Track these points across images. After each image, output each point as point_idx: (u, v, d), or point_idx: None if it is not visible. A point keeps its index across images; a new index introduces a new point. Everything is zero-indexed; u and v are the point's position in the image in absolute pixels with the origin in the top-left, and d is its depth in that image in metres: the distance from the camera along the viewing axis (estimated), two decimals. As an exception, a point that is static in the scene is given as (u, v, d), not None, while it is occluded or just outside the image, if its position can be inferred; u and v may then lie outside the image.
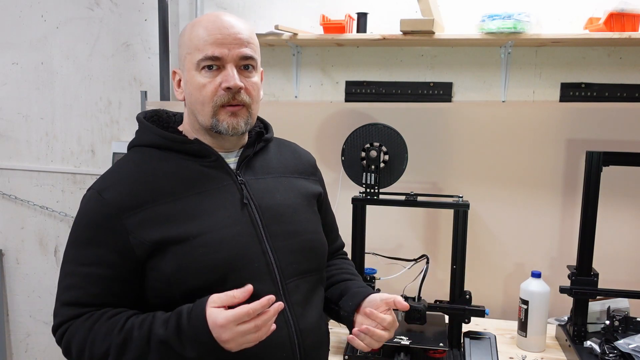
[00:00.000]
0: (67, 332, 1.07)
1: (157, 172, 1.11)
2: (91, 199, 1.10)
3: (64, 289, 1.09)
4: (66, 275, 1.09)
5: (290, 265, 1.14)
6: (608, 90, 2.01)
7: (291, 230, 1.17)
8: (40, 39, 2.53)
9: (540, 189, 2.01)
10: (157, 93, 2.36)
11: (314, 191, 1.29)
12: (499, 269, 2.06)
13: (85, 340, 1.05)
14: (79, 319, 1.07)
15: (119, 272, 1.07)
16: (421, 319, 1.58)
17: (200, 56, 1.08)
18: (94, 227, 1.07)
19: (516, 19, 1.84)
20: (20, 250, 2.68)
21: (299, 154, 1.34)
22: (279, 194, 1.19)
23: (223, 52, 1.08)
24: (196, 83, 1.10)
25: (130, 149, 1.19)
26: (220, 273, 1.06)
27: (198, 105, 1.11)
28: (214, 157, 1.14)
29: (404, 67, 2.17)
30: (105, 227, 1.06)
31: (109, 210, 1.06)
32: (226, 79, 1.08)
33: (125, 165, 1.14)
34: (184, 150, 1.14)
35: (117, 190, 1.08)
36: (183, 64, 1.13)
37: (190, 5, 2.37)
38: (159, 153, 1.14)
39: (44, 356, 2.74)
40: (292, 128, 2.18)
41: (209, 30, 1.09)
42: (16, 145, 2.63)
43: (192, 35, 1.10)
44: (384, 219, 2.03)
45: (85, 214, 1.10)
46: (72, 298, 1.08)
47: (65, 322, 1.08)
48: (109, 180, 1.12)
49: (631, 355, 1.50)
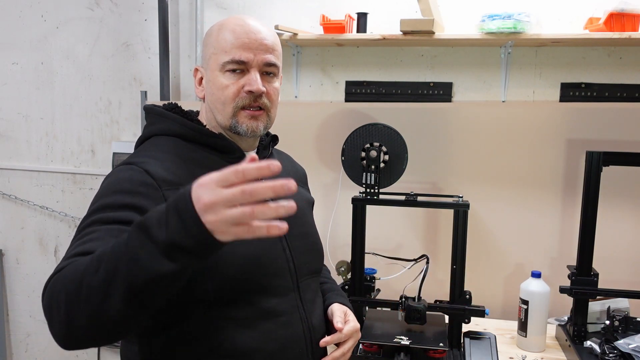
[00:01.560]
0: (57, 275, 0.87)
1: (190, 159, 1.10)
2: (126, 169, 1.03)
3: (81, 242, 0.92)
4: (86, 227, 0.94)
5: (304, 265, 1.18)
6: (608, 90, 2.01)
7: (303, 232, 1.23)
8: (40, 39, 2.53)
9: (540, 189, 2.01)
10: (157, 93, 2.36)
11: (310, 199, 1.36)
12: (499, 269, 2.06)
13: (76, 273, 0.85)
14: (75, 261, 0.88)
15: None
16: (421, 319, 1.58)
17: (227, 58, 1.10)
18: (134, 189, 0.98)
19: (516, 19, 1.84)
20: (20, 250, 2.68)
21: (294, 164, 1.40)
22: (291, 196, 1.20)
23: (249, 57, 1.10)
24: (219, 83, 1.11)
25: (150, 138, 1.16)
26: (251, 266, 1.07)
27: (219, 104, 1.13)
28: (238, 154, 1.15)
29: (404, 67, 2.17)
30: (146, 191, 0.99)
31: (149, 179, 1.01)
32: (249, 82, 1.10)
33: (158, 149, 1.11)
34: (209, 143, 1.14)
35: (156, 164, 1.04)
36: (207, 63, 1.15)
37: (190, 5, 2.37)
38: (184, 144, 1.13)
39: (44, 356, 2.74)
40: (292, 128, 2.19)
41: (236, 33, 1.11)
42: (16, 145, 2.63)
43: (220, 36, 1.12)
44: (384, 219, 2.03)
45: (121, 180, 1.01)
46: (86, 249, 0.90)
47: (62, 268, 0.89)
48: (144, 157, 1.07)
49: (631, 355, 1.49)
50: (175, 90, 2.42)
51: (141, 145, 1.17)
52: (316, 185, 2.15)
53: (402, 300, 1.63)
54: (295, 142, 1.39)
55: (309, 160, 1.37)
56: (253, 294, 1.08)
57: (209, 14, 2.34)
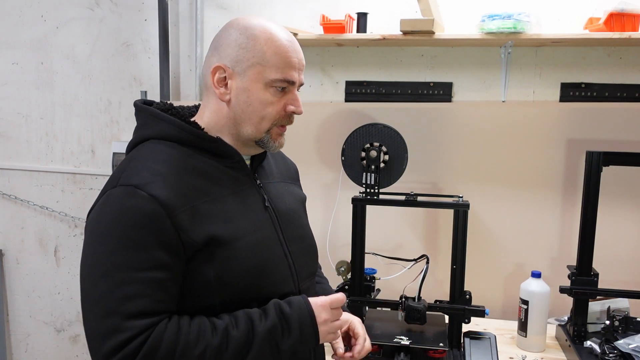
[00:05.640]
0: (147, 345, 0.93)
1: (189, 168, 1.05)
2: (129, 195, 0.98)
3: (123, 300, 0.94)
4: (121, 284, 0.94)
5: (303, 268, 1.18)
6: (608, 90, 2.01)
7: (301, 234, 1.22)
8: (40, 39, 2.53)
9: (540, 189, 2.01)
10: (157, 93, 2.36)
11: (303, 197, 1.34)
12: (499, 269, 2.06)
13: (175, 348, 0.95)
14: (157, 329, 0.95)
15: (176, 274, 0.99)
16: (421, 319, 1.58)
17: (279, 76, 1.07)
18: (141, 227, 0.96)
19: (516, 19, 1.84)
20: (20, 250, 2.68)
21: (286, 160, 1.37)
22: (287, 199, 1.23)
23: (296, 78, 1.10)
24: (262, 98, 1.08)
25: (145, 142, 1.10)
26: (256, 276, 1.07)
27: (255, 117, 1.09)
28: (237, 158, 1.12)
29: (404, 67, 2.17)
30: (155, 226, 0.96)
31: (156, 207, 0.97)
32: (295, 104, 1.11)
33: (157, 159, 1.04)
34: (208, 148, 1.09)
35: (160, 186, 0.99)
36: (244, 69, 1.07)
37: (190, 5, 2.37)
38: (181, 149, 1.07)
39: (44, 356, 2.74)
40: (292, 128, 2.18)
41: (289, 51, 1.08)
42: (16, 145, 2.63)
43: (269, 49, 1.07)
44: (384, 219, 2.03)
45: (126, 212, 0.97)
46: (140, 308, 0.94)
47: (138, 335, 0.93)
48: (144, 175, 1.00)
49: (631, 355, 1.50)
50: (175, 90, 2.42)
51: (135, 149, 1.10)
52: (316, 185, 2.16)
53: (402, 300, 1.63)
54: (295, 142, 1.38)
55: (309, 160, 1.36)
56: (260, 303, 1.07)
57: (209, 14, 2.34)
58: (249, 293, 1.06)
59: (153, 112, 1.10)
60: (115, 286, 0.94)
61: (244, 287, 1.05)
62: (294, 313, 1.05)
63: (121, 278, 0.94)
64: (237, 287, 1.04)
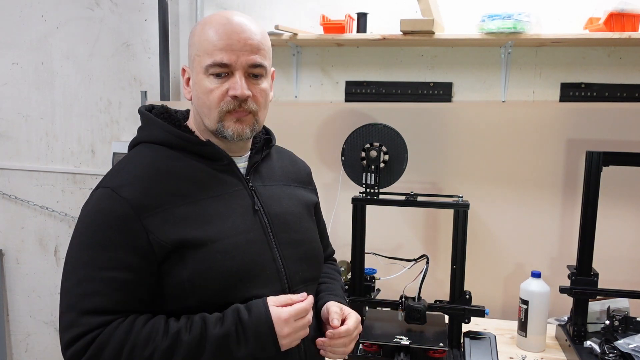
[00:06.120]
0: (96, 342, 0.96)
1: (171, 171, 1.07)
2: (104, 196, 1.02)
3: (82, 296, 0.98)
4: (82, 281, 0.99)
5: (297, 273, 1.15)
6: (608, 90, 2.01)
7: (297, 239, 1.18)
8: (40, 39, 2.53)
9: (540, 189, 2.01)
10: (157, 93, 2.37)
11: (311, 200, 1.31)
12: (499, 269, 2.06)
13: (122, 348, 0.96)
14: (108, 327, 0.98)
15: (142, 276, 1.01)
16: (421, 319, 1.58)
17: (209, 61, 1.05)
18: (110, 227, 1.00)
19: (516, 19, 1.84)
20: (20, 250, 2.68)
21: (297, 163, 1.34)
22: (285, 202, 1.20)
23: (232, 59, 1.05)
24: (204, 87, 1.07)
25: (137, 145, 1.14)
26: (235, 279, 1.05)
27: (205, 108, 1.08)
28: (226, 161, 1.12)
29: (404, 67, 2.17)
30: (124, 228, 0.99)
31: (127, 210, 1.00)
32: (234, 87, 1.05)
33: (139, 163, 1.08)
34: (196, 151, 1.10)
35: (135, 189, 1.02)
36: (192, 64, 1.10)
37: (190, 5, 2.37)
38: (170, 152, 1.09)
39: (44, 356, 2.74)
40: (292, 128, 2.19)
41: (219, 34, 1.05)
42: (16, 145, 2.63)
43: (202, 36, 1.07)
44: (384, 219, 2.03)
45: (99, 212, 1.01)
46: (95, 305, 0.98)
47: (88, 332, 0.97)
48: (122, 177, 1.05)
49: (631, 355, 1.50)
50: (175, 90, 2.42)
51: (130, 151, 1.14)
52: (316, 185, 2.15)
53: (402, 300, 1.63)
54: (295, 142, 1.38)
55: (309, 161, 1.36)
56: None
57: (209, 13, 2.33)
58: (228, 296, 1.04)
59: (147, 116, 1.14)
60: (78, 282, 0.99)
61: (221, 290, 1.04)
62: (251, 321, 1.01)
63: (84, 275, 0.99)
64: (212, 289, 1.03)
